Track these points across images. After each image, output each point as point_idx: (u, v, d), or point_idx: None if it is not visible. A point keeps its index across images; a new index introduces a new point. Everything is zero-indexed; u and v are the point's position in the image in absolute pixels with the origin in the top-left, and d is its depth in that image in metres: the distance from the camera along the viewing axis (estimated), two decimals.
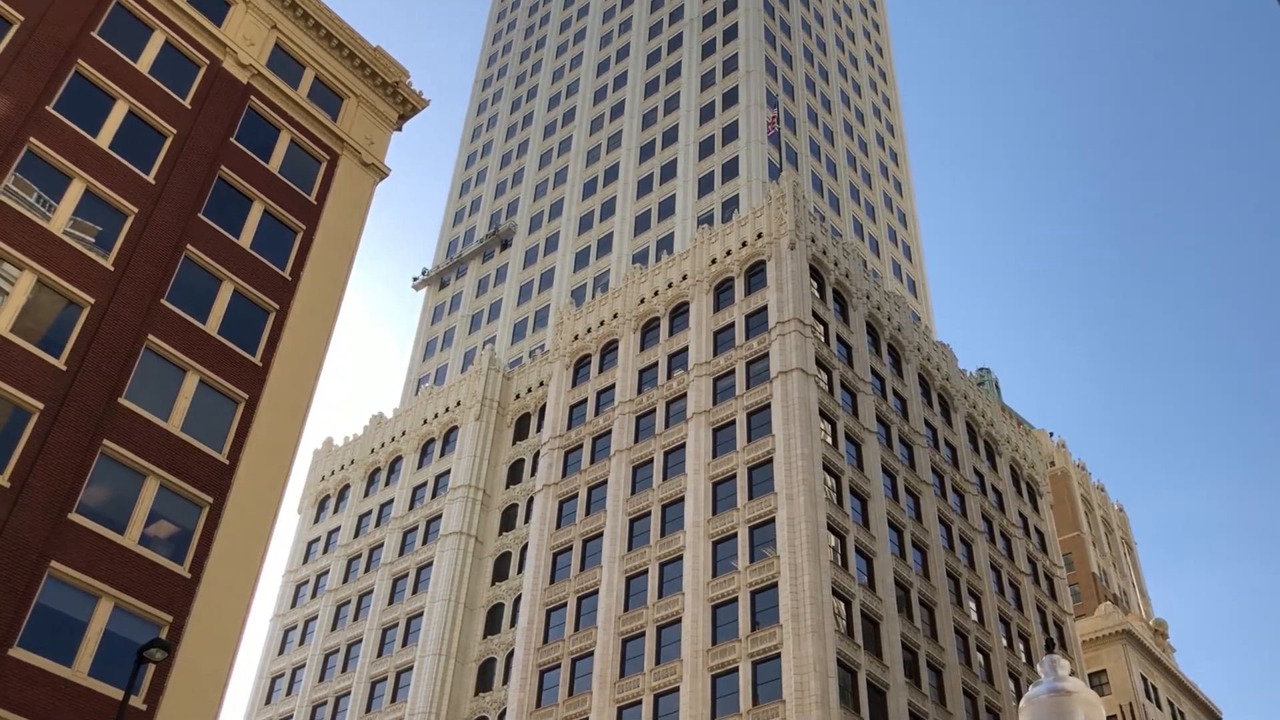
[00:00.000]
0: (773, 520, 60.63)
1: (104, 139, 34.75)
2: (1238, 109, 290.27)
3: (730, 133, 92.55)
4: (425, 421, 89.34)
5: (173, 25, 38.75)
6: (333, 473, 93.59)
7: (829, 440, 64.91)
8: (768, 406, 65.58)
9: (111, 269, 32.97)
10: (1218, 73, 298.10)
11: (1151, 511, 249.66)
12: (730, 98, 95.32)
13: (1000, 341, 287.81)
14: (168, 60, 38.15)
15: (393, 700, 74.91)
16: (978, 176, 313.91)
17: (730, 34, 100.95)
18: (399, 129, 45.86)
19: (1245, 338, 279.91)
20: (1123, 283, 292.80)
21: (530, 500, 78.67)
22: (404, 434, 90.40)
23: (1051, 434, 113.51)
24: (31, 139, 32.82)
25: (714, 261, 75.31)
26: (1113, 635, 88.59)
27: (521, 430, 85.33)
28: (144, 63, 37.28)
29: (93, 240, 33.19)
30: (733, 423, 66.89)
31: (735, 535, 61.88)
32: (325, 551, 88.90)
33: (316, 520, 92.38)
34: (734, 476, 64.41)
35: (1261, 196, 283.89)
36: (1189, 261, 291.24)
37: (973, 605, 70.88)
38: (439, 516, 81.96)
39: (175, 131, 36.85)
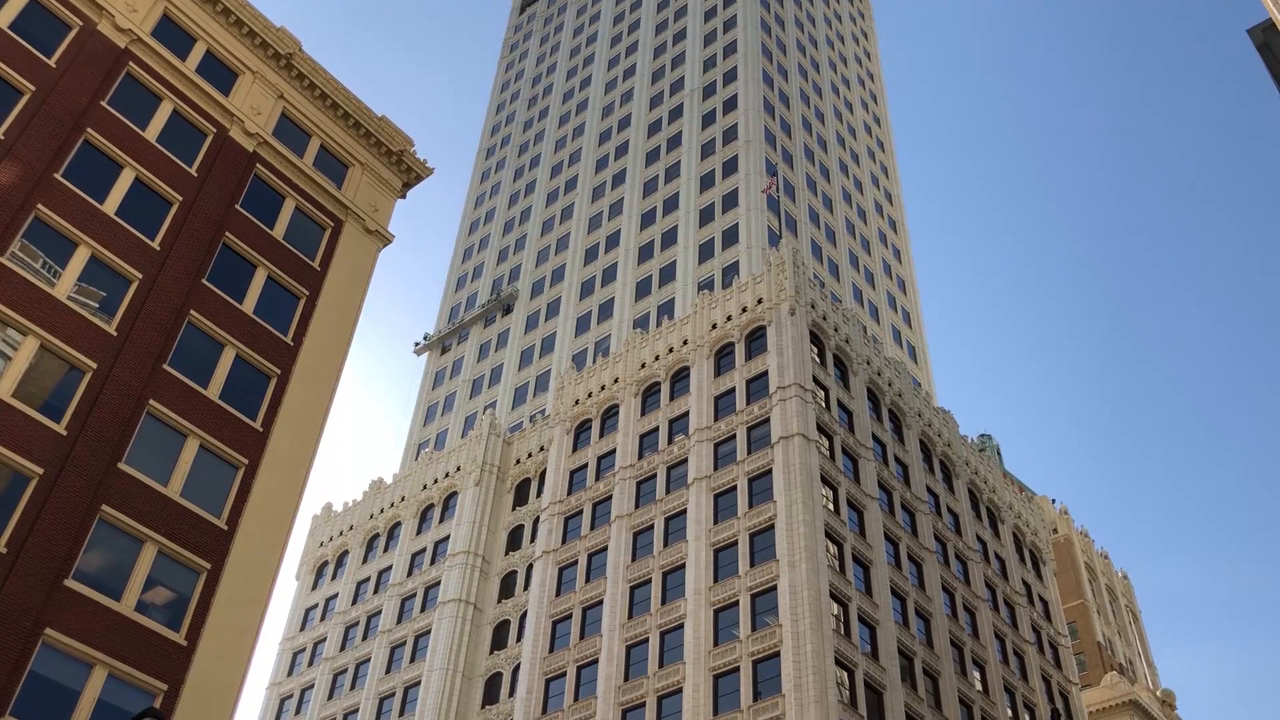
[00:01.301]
0: (774, 588, 60.09)
1: (110, 206, 35.13)
2: (1236, 172, 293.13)
3: (730, 200, 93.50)
4: (425, 487, 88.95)
5: (181, 95, 39.38)
6: (331, 539, 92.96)
7: (831, 506, 64.58)
8: (769, 472, 65.35)
9: (114, 334, 33.13)
10: (1218, 137, 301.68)
11: (1156, 580, 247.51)
12: (730, 166, 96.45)
13: (1001, 407, 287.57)
14: (175, 129, 38.72)
15: None
16: (977, 242, 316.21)
17: (730, 105, 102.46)
18: (403, 196, 46.36)
19: (1250, 400, 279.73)
20: (1125, 348, 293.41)
21: (530, 567, 78.04)
22: (403, 499, 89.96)
23: (1054, 500, 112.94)
24: (39, 206, 33.18)
25: (714, 327, 75.59)
26: (1120, 705, 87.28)
27: (521, 496, 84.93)
28: (152, 131, 37.82)
29: (97, 305, 33.39)
30: (734, 488, 66.61)
31: (737, 603, 61.28)
32: (323, 619, 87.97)
33: (314, 587, 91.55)
34: (735, 543, 63.96)
35: (1261, 251, 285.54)
36: (1191, 325, 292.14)
37: (977, 675, 69.95)
38: (437, 583, 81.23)
39: (181, 198, 37.27)
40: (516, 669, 73.35)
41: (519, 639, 74.85)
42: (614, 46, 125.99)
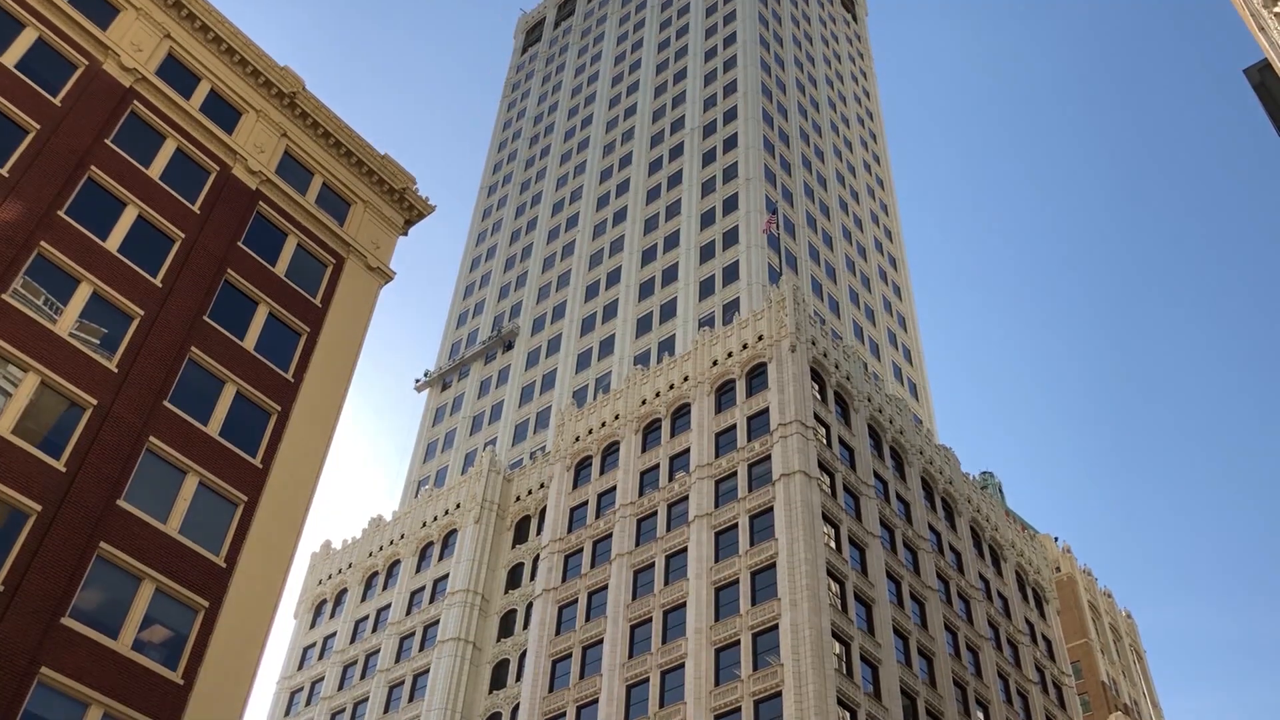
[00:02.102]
0: (776, 627, 59.66)
1: (113, 243, 35.25)
2: (1236, 209, 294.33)
3: (730, 238, 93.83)
4: (424, 524, 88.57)
5: (184, 133, 39.64)
6: (330, 576, 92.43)
7: (832, 544, 64.24)
8: (770, 509, 65.08)
9: (115, 370, 33.12)
10: (1217, 175, 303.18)
11: (1160, 619, 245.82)
12: (730, 204, 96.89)
13: (1002, 445, 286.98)
14: (179, 167, 38.94)
15: None
16: (978, 279, 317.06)
17: (730, 143, 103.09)
18: (405, 233, 46.51)
19: (1257, 439, 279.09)
20: (1127, 386, 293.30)
21: (529, 605, 77.52)
22: (402, 537, 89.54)
23: (1056, 539, 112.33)
24: (42, 243, 33.29)
25: (715, 363, 75.58)
26: None
27: (521, 533, 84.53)
28: (155, 169, 38.03)
29: (98, 342, 33.41)
30: (735, 526, 66.30)
31: (738, 642, 60.81)
32: (321, 658, 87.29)
33: (313, 625, 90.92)
34: (736, 581, 63.58)
35: (1266, 287, 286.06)
36: (1194, 363, 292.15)
37: (980, 715, 69.28)
38: (436, 622, 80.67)
39: (183, 235, 37.41)
40: (516, 709, 72.66)
41: (518, 678, 74.24)
42: (615, 86, 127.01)
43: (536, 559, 79.89)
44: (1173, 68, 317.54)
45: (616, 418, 79.34)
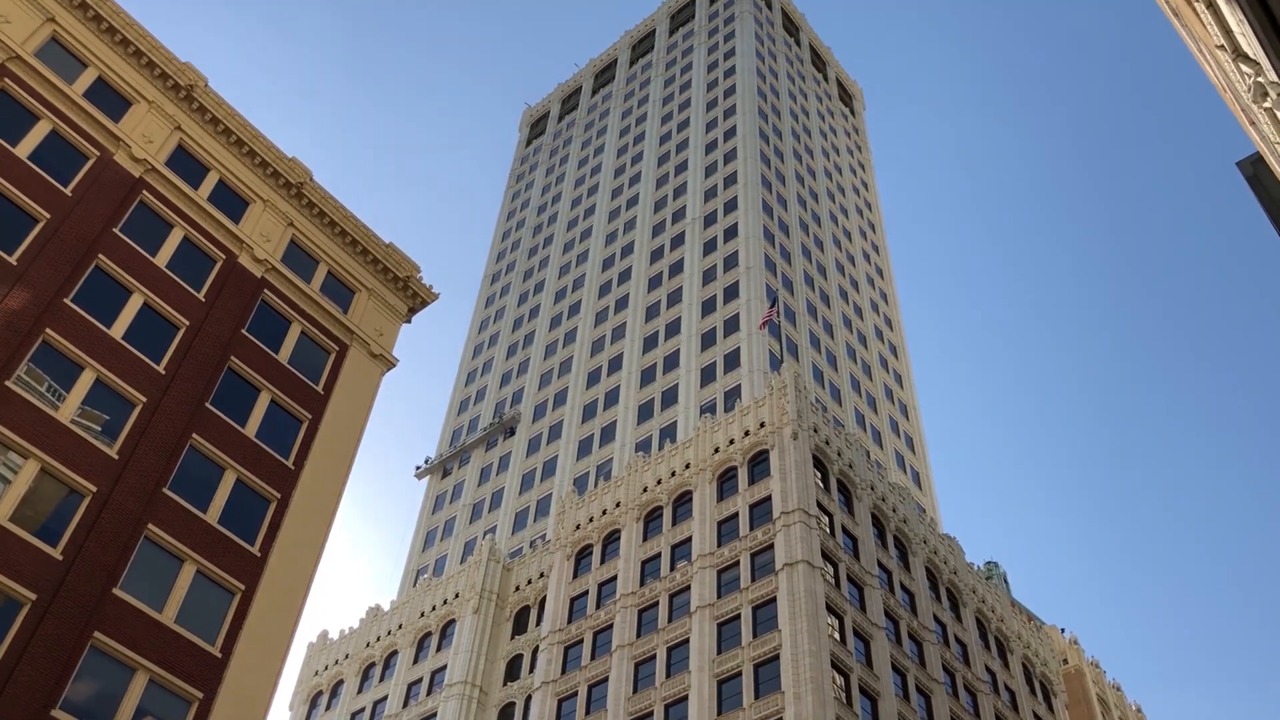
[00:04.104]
0: None
1: (118, 330, 35.46)
2: (1232, 301, 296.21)
3: (731, 325, 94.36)
4: (422, 614, 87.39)
5: (192, 222, 40.15)
6: (326, 667, 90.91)
7: (837, 636, 63.26)
8: (773, 600, 64.22)
9: (116, 457, 33.03)
10: (1211, 268, 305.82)
11: (1170, 712, 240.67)
12: (731, 292, 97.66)
13: (1006, 534, 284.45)
14: (185, 255, 39.37)
15: None
16: (979, 367, 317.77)
17: (731, 233, 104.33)
18: (408, 321, 46.77)
19: (1262, 529, 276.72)
20: (1135, 476, 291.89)
21: (528, 698, 76.07)
22: (400, 627, 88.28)
23: (1063, 630, 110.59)
24: (48, 330, 33.49)
25: (717, 450, 75.32)
26: None
27: (521, 624, 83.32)
28: (162, 257, 38.43)
29: (99, 429, 33.38)
30: (738, 617, 65.37)
31: None
32: None
33: (308, 717, 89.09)
34: (739, 674, 62.46)
35: (1263, 379, 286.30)
36: (1195, 454, 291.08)
37: None
38: (434, 715, 79.06)
39: (188, 323, 37.64)
40: None
41: None
42: (617, 177, 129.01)
43: (536, 650, 78.62)
44: (1165, 161, 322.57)
45: (617, 505, 78.80)
